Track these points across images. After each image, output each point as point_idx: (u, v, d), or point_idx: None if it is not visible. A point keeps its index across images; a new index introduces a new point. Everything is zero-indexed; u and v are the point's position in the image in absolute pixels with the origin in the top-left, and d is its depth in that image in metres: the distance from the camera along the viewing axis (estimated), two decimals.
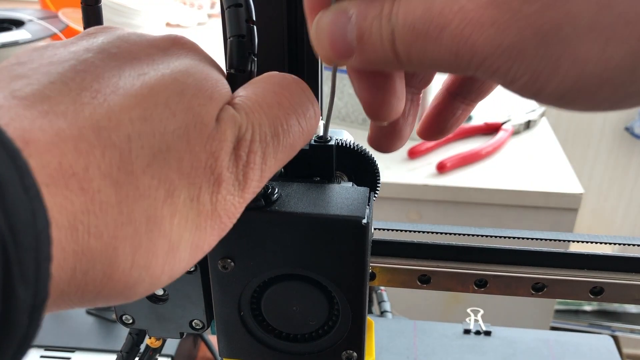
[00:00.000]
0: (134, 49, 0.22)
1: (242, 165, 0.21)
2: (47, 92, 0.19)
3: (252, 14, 0.24)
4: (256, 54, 0.25)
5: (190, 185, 0.20)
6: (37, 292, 0.16)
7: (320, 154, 0.31)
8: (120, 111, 0.19)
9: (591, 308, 1.55)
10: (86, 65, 0.20)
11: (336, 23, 0.23)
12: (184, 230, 0.20)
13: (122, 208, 0.18)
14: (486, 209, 1.03)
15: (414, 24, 0.21)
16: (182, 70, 0.21)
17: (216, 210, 0.21)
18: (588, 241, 0.38)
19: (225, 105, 0.22)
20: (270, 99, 0.23)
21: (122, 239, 0.18)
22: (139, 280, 0.19)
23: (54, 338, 0.64)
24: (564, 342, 0.59)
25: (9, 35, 1.15)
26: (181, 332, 0.34)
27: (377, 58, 0.23)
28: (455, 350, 0.58)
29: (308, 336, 0.31)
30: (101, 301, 0.19)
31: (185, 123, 0.20)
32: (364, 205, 0.27)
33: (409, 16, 0.21)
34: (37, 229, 0.16)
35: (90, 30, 0.23)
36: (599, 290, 0.37)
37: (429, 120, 0.31)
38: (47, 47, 0.21)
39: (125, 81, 0.20)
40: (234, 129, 0.21)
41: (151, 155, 0.19)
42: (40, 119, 0.18)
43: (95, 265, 0.18)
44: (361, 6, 0.23)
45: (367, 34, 0.23)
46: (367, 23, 0.22)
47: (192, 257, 0.21)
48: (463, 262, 0.38)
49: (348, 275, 0.28)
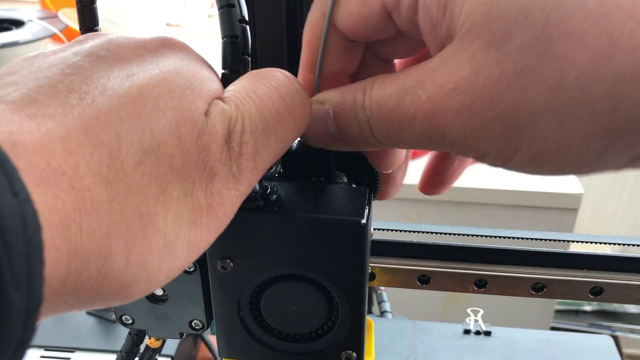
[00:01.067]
0: (123, 50, 0.22)
1: (235, 157, 0.21)
2: (35, 95, 0.19)
3: (244, 14, 0.24)
4: (250, 54, 0.25)
5: (183, 181, 0.20)
6: (31, 297, 0.16)
7: (320, 154, 0.31)
8: (108, 111, 0.19)
9: (591, 308, 1.54)
10: (74, 68, 0.20)
11: (317, 117, 0.25)
12: (180, 227, 0.20)
13: (113, 205, 0.18)
14: (486, 209, 1.03)
15: (387, 116, 0.23)
16: (171, 70, 0.21)
17: (211, 206, 0.21)
18: (588, 241, 0.38)
19: (214, 100, 0.22)
20: (258, 90, 0.23)
21: (115, 237, 0.18)
22: (136, 279, 0.19)
23: (54, 338, 0.64)
24: (564, 342, 0.59)
25: (9, 35, 1.15)
26: (181, 332, 0.34)
27: (359, 142, 0.25)
28: (455, 350, 0.58)
29: (307, 336, 0.31)
30: (99, 302, 0.19)
31: (175, 120, 0.20)
32: (364, 205, 0.27)
33: (382, 109, 0.23)
34: (28, 233, 0.16)
35: (80, 38, 0.23)
36: (599, 290, 0.37)
37: (428, 176, 0.33)
38: (37, 56, 0.21)
39: (114, 82, 0.20)
40: (224, 122, 0.21)
41: (141, 152, 0.19)
42: (28, 121, 0.18)
43: (90, 265, 0.18)
44: (336, 98, 0.25)
45: (345, 125, 0.25)
46: (344, 114, 0.25)
47: (189, 254, 0.21)
48: (463, 262, 0.38)
49: (347, 275, 0.28)
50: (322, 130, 0.25)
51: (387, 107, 0.23)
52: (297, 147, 0.30)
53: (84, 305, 0.19)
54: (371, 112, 0.24)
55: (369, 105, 0.24)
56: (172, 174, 0.20)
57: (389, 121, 0.23)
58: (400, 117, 0.23)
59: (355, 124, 0.24)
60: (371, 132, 0.24)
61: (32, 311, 0.16)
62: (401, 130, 0.23)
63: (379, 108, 0.23)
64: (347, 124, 0.25)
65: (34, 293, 0.16)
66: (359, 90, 0.24)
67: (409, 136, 0.23)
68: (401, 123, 0.23)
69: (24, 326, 0.16)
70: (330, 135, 0.25)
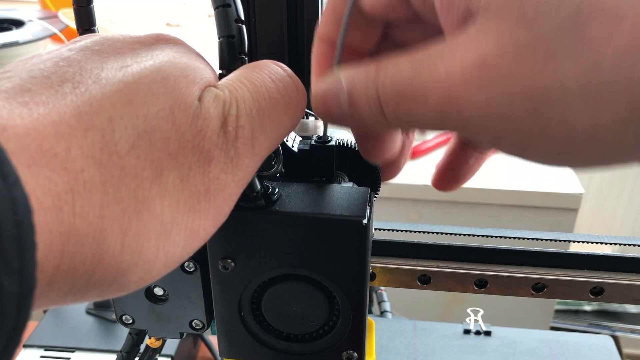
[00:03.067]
0: (117, 45, 0.22)
1: (231, 141, 0.21)
2: (28, 85, 0.19)
3: (240, 14, 0.24)
4: (246, 53, 0.25)
5: (179, 165, 0.20)
6: (24, 281, 0.16)
7: (321, 154, 0.31)
8: (101, 97, 0.19)
9: (591, 308, 1.54)
10: (68, 61, 0.20)
11: (331, 91, 0.24)
12: (176, 212, 0.20)
13: (107, 188, 0.18)
14: (486, 209, 1.03)
15: (401, 91, 0.22)
16: (165, 61, 0.22)
17: (209, 191, 0.21)
18: (588, 241, 0.38)
19: (207, 87, 0.22)
20: (251, 77, 0.23)
21: (109, 220, 0.18)
22: (132, 264, 0.19)
23: (54, 338, 0.64)
24: (564, 342, 0.59)
25: (9, 35, 1.15)
26: (181, 332, 0.34)
27: (368, 121, 0.24)
28: (455, 350, 0.58)
29: (308, 336, 0.31)
30: (94, 291, 0.19)
31: (169, 104, 0.20)
32: (365, 205, 0.27)
33: (397, 83, 0.22)
34: (18, 216, 0.15)
35: (75, 39, 0.23)
36: (599, 290, 0.37)
37: (442, 171, 0.32)
38: (32, 56, 0.21)
39: (108, 73, 0.20)
40: (219, 106, 0.21)
41: (135, 135, 0.19)
42: (19, 108, 0.18)
43: (84, 247, 0.18)
44: (350, 72, 0.24)
45: (356, 100, 0.24)
46: (356, 90, 0.24)
47: (187, 242, 0.21)
48: (463, 262, 0.38)
49: (348, 275, 0.28)
50: (334, 106, 0.25)
51: (403, 82, 0.22)
52: (299, 147, 0.31)
53: (78, 294, 0.19)
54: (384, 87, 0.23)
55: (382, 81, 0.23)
56: (168, 158, 0.20)
57: (402, 96, 0.22)
58: (415, 92, 0.21)
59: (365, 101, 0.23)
60: (381, 110, 0.23)
61: (26, 296, 0.16)
62: (415, 106, 0.22)
63: (393, 82, 0.22)
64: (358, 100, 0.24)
65: (26, 277, 0.16)
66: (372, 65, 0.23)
67: (422, 113, 0.22)
68: (416, 98, 0.21)
69: (17, 310, 0.16)
70: (342, 112, 0.24)
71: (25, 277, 0.16)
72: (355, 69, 0.24)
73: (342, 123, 0.25)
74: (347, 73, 0.24)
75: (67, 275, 0.18)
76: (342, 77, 0.24)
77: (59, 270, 0.17)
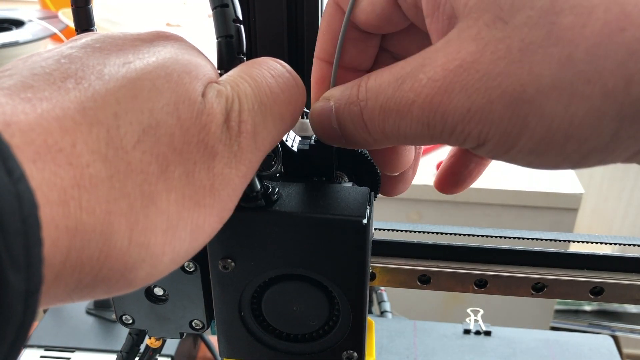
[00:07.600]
0: (119, 42, 0.22)
1: (235, 136, 0.21)
2: (30, 82, 0.19)
3: (239, 14, 0.25)
4: (245, 53, 0.25)
5: (184, 161, 0.20)
6: (30, 277, 0.16)
7: (321, 154, 0.31)
8: (105, 93, 0.19)
9: (591, 308, 1.54)
10: (70, 58, 0.20)
11: (323, 113, 0.25)
12: (182, 207, 0.20)
13: (113, 183, 0.18)
14: (486, 209, 1.03)
15: (384, 105, 0.22)
16: (167, 57, 0.22)
17: (214, 186, 0.21)
18: (588, 241, 0.38)
19: (210, 83, 0.22)
20: (252, 73, 0.23)
21: (116, 215, 0.18)
22: (139, 259, 0.19)
23: (54, 338, 0.64)
24: (564, 342, 0.59)
25: (9, 35, 1.15)
26: (181, 332, 0.34)
27: (357, 139, 0.25)
28: (455, 350, 0.58)
29: (308, 336, 0.31)
30: (101, 288, 0.19)
31: (173, 100, 0.20)
32: (365, 205, 0.27)
33: (379, 98, 0.23)
34: (24, 212, 0.15)
35: (75, 37, 0.23)
36: (599, 290, 0.37)
37: (444, 174, 0.32)
38: (32, 55, 0.21)
39: (110, 69, 0.20)
40: (221, 102, 0.21)
41: (140, 131, 0.19)
42: (22, 104, 0.18)
43: (91, 243, 0.18)
44: (335, 92, 0.25)
45: (341, 120, 0.25)
46: (340, 110, 0.24)
47: (193, 238, 0.21)
48: (463, 262, 0.38)
49: (348, 275, 0.28)
50: (327, 127, 0.25)
51: (385, 95, 0.22)
52: (298, 147, 0.31)
53: (85, 291, 0.19)
54: (367, 104, 0.23)
55: (364, 97, 0.23)
56: (173, 153, 0.20)
57: (386, 110, 0.22)
58: (398, 104, 0.22)
59: (349, 119, 0.24)
60: (365, 127, 0.24)
61: (33, 292, 0.16)
62: (399, 118, 0.22)
63: (375, 97, 0.23)
64: (343, 119, 0.24)
65: (33, 273, 0.16)
66: (354, 84, 0.24)
67: (407, 125, 0.22)
68: (399, 110, 0.22)
69: (24, 307, 0.16)
70: (335, 133, 0.25)
71: (32, 274, 0.16)
72: (340, 88, 0.25)
73: (338, 143, 0.26)
74: (333, 93, 0.25)
75: (74, 271, 0.18)
76: (331, 97, 0.25)
77: (65, 266, 0.17)
